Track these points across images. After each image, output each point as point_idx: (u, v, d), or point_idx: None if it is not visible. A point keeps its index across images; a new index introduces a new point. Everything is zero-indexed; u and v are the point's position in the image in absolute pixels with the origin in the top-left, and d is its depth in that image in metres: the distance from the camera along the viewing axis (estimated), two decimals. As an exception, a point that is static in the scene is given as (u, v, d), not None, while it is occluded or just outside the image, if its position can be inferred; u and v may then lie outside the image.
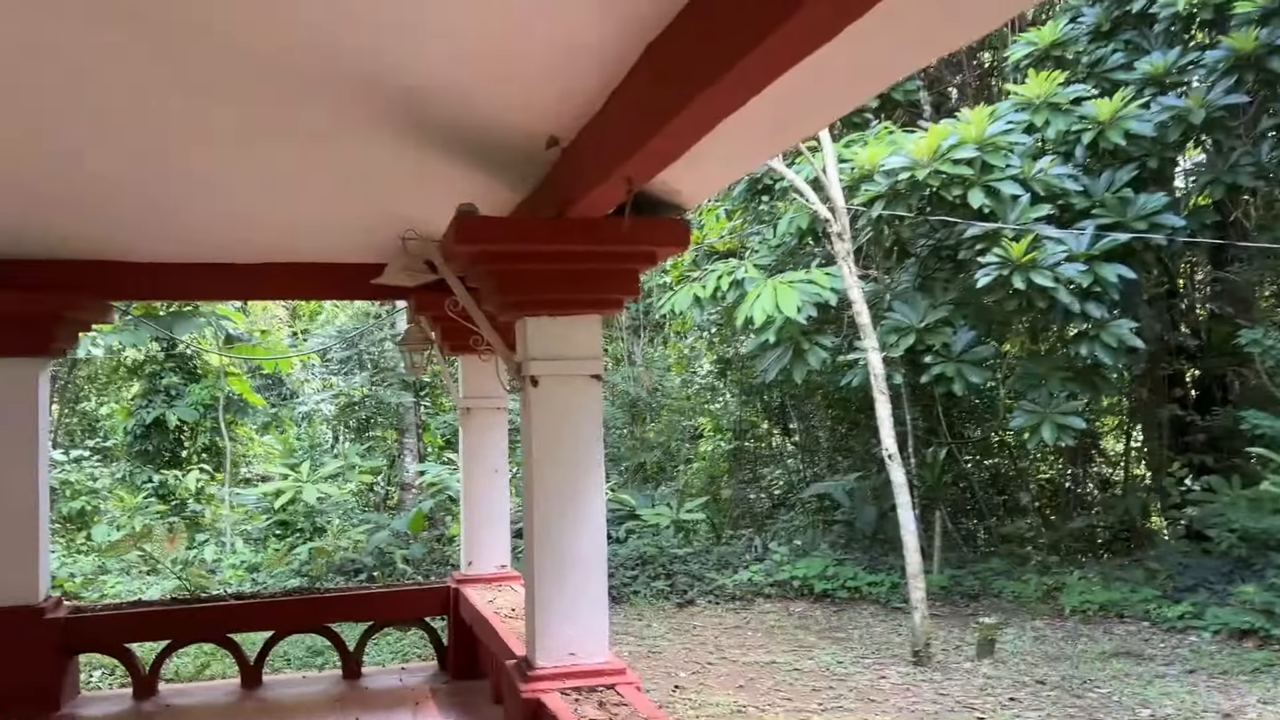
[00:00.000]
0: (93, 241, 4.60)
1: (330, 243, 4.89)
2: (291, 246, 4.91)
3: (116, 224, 4.42)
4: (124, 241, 4.67)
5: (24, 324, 4.57)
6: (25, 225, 4.25)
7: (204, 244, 4.78)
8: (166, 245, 4.78)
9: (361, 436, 12.29)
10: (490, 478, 5.50)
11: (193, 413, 11.94)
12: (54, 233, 4.43)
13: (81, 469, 10.51)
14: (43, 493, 4.73)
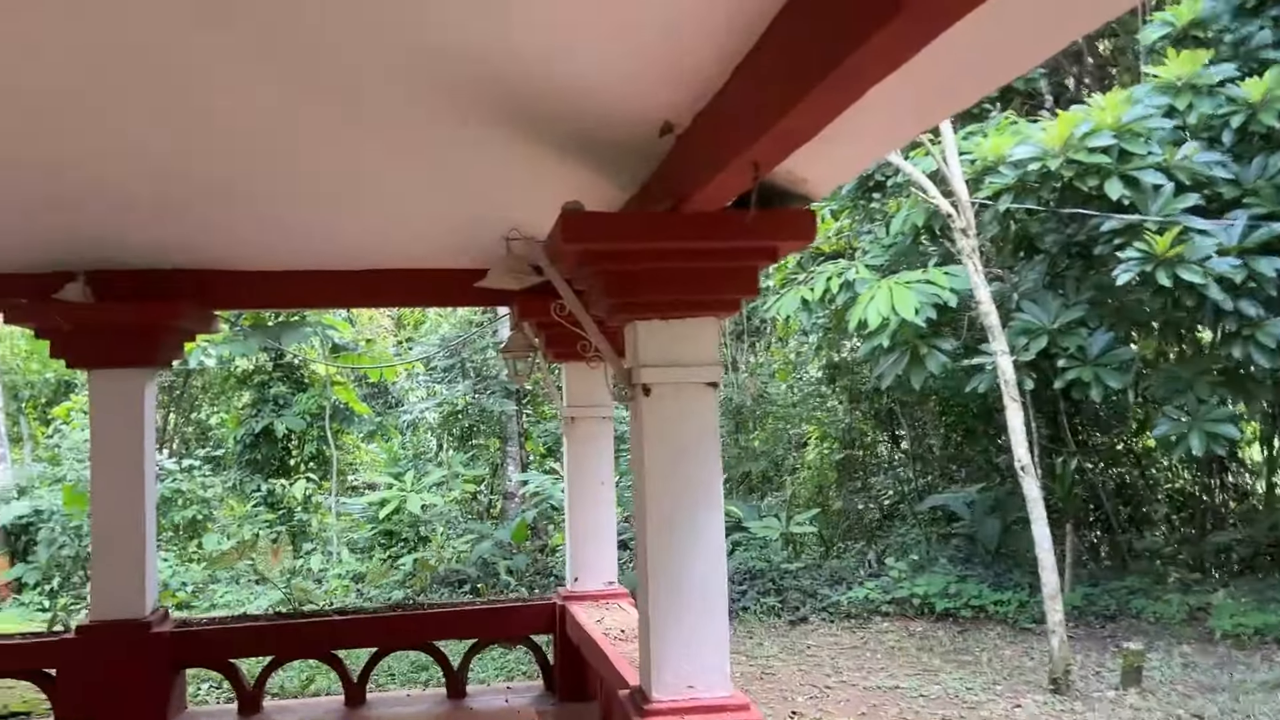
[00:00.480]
0: (194, 250, 4.59)
1: (432, 247, 4.77)
2: (393, 252, 4.82)
3: (218, 231, 4.39)
4: (225, 249, 4.65)
5: (129, 334, 4.58)
6: (126, 234, 4.25)
7: (305, 251, 4.73)
8: (268, 253, 4.74)
9: (464, 445, 12.32)
10: (596, 490, 5.29)
11: (300, 422, 12.17)
12: (156, 241, 4.43)
13: (193, 478, 10.80)
14: (149, 504, 4.74)
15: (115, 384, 4.66)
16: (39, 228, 4.21)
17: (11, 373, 12.03)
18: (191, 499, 10.34)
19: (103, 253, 4.51)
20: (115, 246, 4.45)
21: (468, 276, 5.08)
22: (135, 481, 4.67)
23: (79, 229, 4.23)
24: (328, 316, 12.88)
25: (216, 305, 4.90)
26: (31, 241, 4.36)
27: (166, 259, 4.68)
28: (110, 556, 4.64)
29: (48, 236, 4.30)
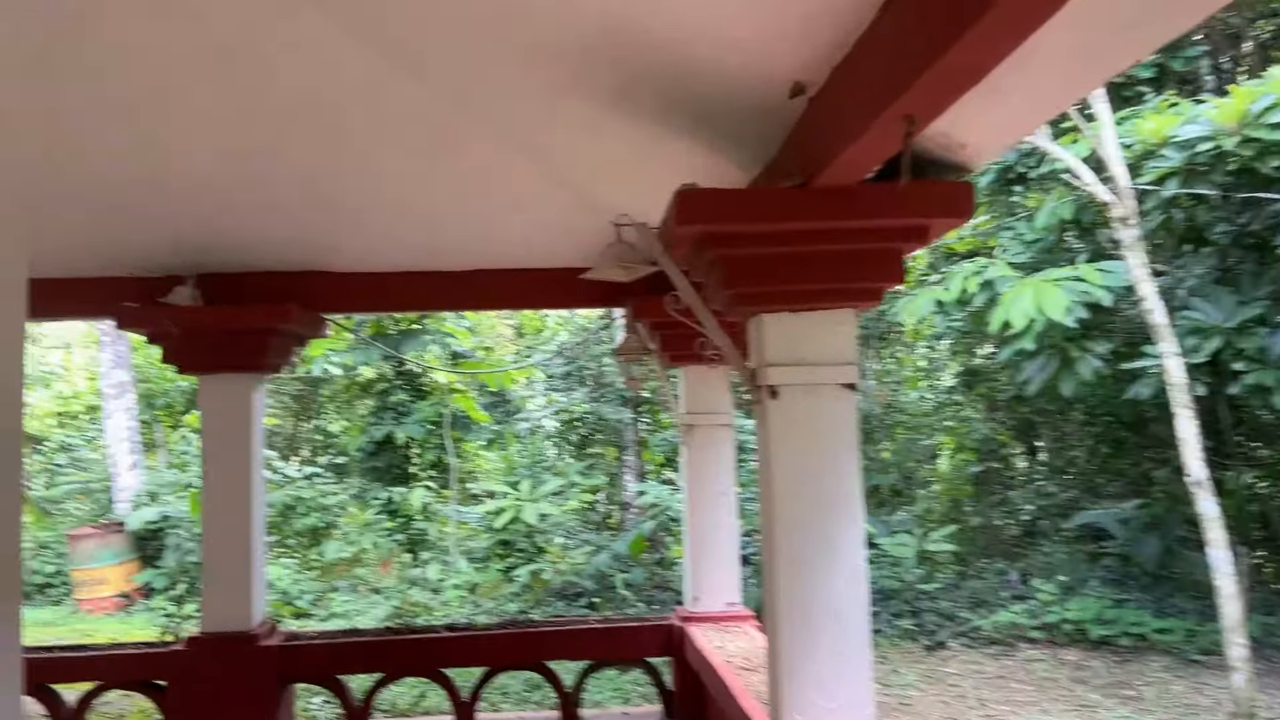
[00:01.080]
0: (298, 252, 4.50)
1: (538, 245, 4.55)
2: (497, 251, 4.62)
3: (319, 233, 4.28)
4: (329, 252, 4.54)
5: (237, 338, 4.50)
6: (231, 237, 4.17)
7: (408, 252, 4.58)
8: (371, 255, 4.62)
9: (581, 454, 12.17)
10: (716, 503, 4.95)
11: (420, 429, 12.26)
12: (260, 244, 4.35)
13: (314, 485, 10.98)
14: (257, 514, 4.65)
15: (224, 389, 4.61)
16: (147, 232, 4.18)
17: (148, 380, 12.56)
18: (313, 506, 10.50)
19: (210, 256, 4.46)
20: (221, 250, 4.39)
21: (577, 277, 4.85)
22: (243, 490, 4.59)
23: (185, 233, 4.18)
24: (447, 324, 12.97)
25: (323, 308, 4.80)
26: (141, 246, 4.34)
27: (272, 262, 4.60)
28: (219, 567, 4.58)
29: (156, 241, 4.27)
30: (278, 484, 10.81)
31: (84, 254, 4.40)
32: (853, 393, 2.77)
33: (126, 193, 3.72)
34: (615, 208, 3.35)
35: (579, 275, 2.73)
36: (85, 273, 4.59)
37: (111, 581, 9.06)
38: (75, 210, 3.92)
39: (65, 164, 3.44)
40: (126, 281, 4.63)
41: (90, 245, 4.31)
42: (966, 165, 2.63)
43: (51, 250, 4.37)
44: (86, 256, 4.44)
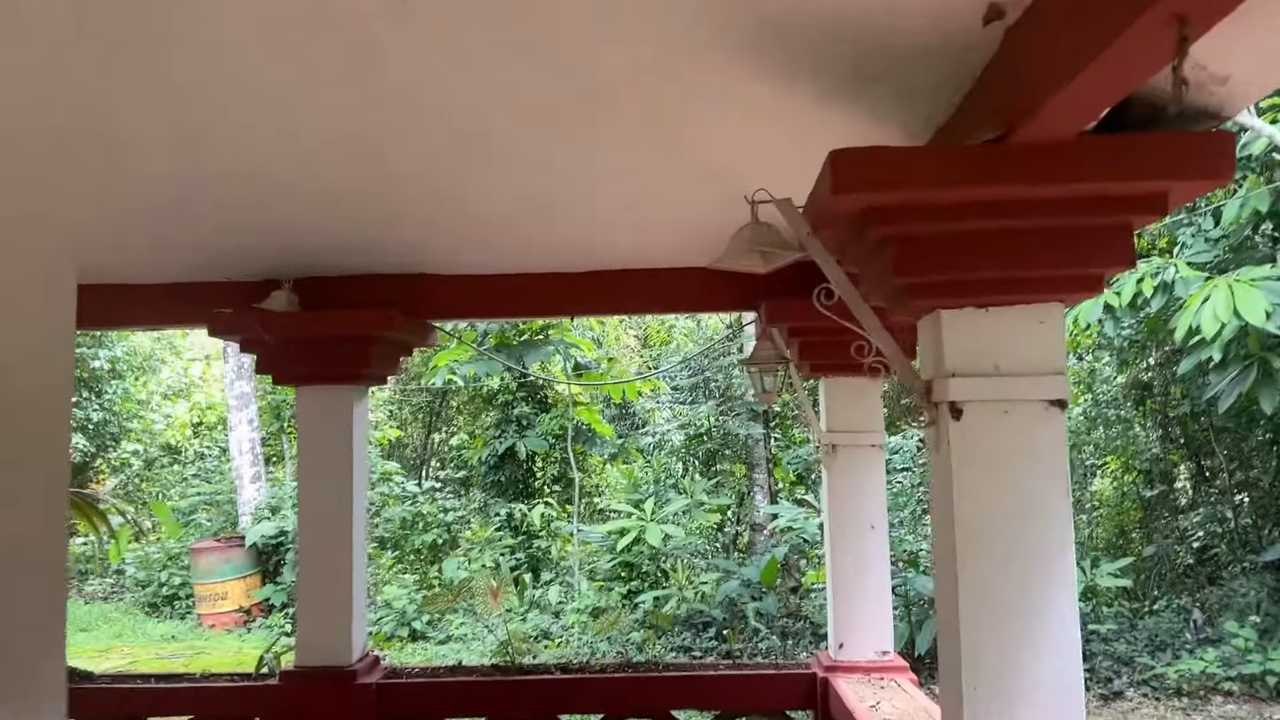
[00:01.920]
0: (403, 254, 4.16)
1: (669, 243, 4.08)
2: (618, 251, 4.18)
3: (428, 232, 3.93)
4: (437, 252, 4.19)
5: (336, 346, 4.20)
6: (331, 236, 3.87)
7: (527, 252, 4.18)
8: (485, 255, 4.24)
9: (708, 471, 11.65)
10: (864, 536, 4.37)
11: (542, 443, 12.00)
12: (362, 245, 4.03)
13: (434, 500, 10.82)
14: (358, 537, 4.33)
15: (322, 402, 4.31)
16: (243, 235, 3.91)
17: (273, 392, 12.74)
18: (432, 522, 10.33)
19: (309, 259, 4.17)
20: (322, 252, 4.10)
21: (703, 278, 4.35)
22: (343, 511, 4.27)
23: (283, 234, 3.89)
24: (571, 334, 12.70)
25: (430, 313, 4.45)
26: (236, 249, 4.08)
27: (375, 265, 4.29)
28: (315, 595, 4.27)
29: (252, 242, 4.01)
30: (398, 499, 10.72)
31: (178, 258, 4.19)
32: (1062, 411, 2.17)
33: (221, 192, 3.46)
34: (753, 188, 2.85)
35: (708, 267, 2.23)
36: (179, 277, 4.38)
37: (232, 597, 9.12)
38: (170, 213, 3.70)
39: (154, 165, 3.20)
40: (223, 286, 4.41)
41: (185, 249, 4.09)
42: (1219, 111, 2.02)
43: (144, 256, 4.17)
44: (181, 261, 4.22)
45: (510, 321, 11.75)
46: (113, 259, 4.22)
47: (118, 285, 4.45)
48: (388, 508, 10.26)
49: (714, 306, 4.37)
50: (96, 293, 4.45)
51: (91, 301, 4.50)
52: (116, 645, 8.41)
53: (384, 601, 9.21)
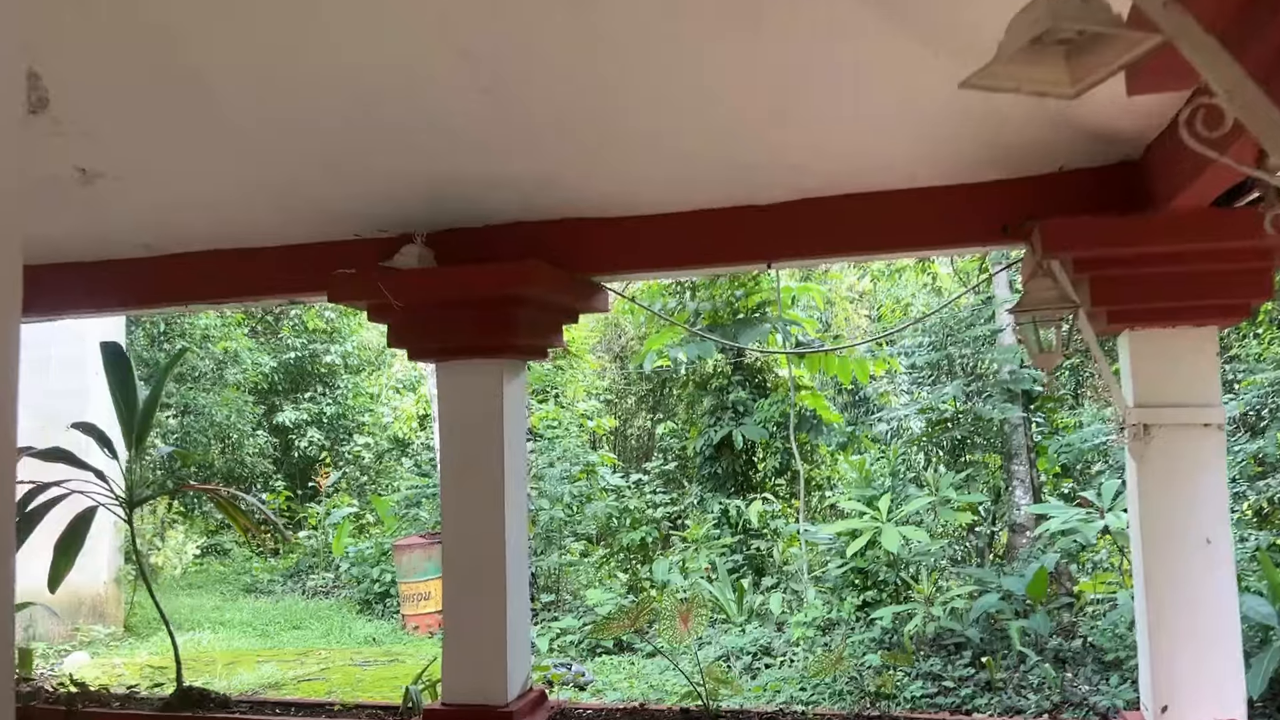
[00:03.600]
0: (559, 192, 3.44)
1: (898, 151, 3.10)
2: (833, 166, 3.24)
3: (591, 160, 3.19)
4: (591, 188, 3.42)
5: (471, 312, 3.49)
6: (470, 175, 3.19)
7: (698, 180, 3.33)
8: (647, 189, 3.43)
9: (955, 462, 10.28)
10: (1194, 553, 3.18)
11: (761, 431, 11.07)
12: (502, 184, 3.32)
13: (643, 495, 10.15)
14: (515, 548, 3.61)
15: (465, 380, 3.63)
16: (368, 181, 3.29)
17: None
18: (641, 519, 9.67)
19: (445, 206, 3.50)
20: (460, 196, 3.41)
21: (944, 200, 3.30)
22: (493, 518, 3.57)
23: (414, 176, 3.24)
24: (790, 311, 11.69)
25: (590, 266, 3.67)
26: (361, 199, 3.47)
27: (522, 209, 3.56)
28: (462, 620, 3.59)
29: (379, 190, 3.38)
30: (604, 492, 10.14)
31: (295, 214, 3.62)
32: None
33: (341, 133, 2.86)
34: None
35: (960, 84, 1.24)
36: (298, 238, 3.82)
37: (435, 597, 8.85)
38: (284, 162, 3.13)
39: (258, 106, 2.63)
40: (350, 247, 3.82)
41: (303, 202, 3.52)
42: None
43: (253, 214, 3.64)
44: (299, 217, 3.66)
45: (707, 276, 10.86)
46: (227, 219, 3.72)
47: (236, 250, 3.96)
48: (593, 502, 9.71)
49: (959, 240, 3.31)
50: (210, 260, 3.98)
51: (204, 270, 4.05)
52: (316, 648, 8.31)
53: (588, 606, 8.64)
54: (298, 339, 17.09)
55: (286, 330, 17.38)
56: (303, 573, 13.04)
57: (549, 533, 9.15)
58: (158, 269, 4.05)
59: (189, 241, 3.96)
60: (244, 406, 16.00)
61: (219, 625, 9.68)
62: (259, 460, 16.16)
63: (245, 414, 16.00)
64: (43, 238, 3.93)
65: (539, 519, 8.97)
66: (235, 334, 16.34)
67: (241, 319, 16.97)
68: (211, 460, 15.73)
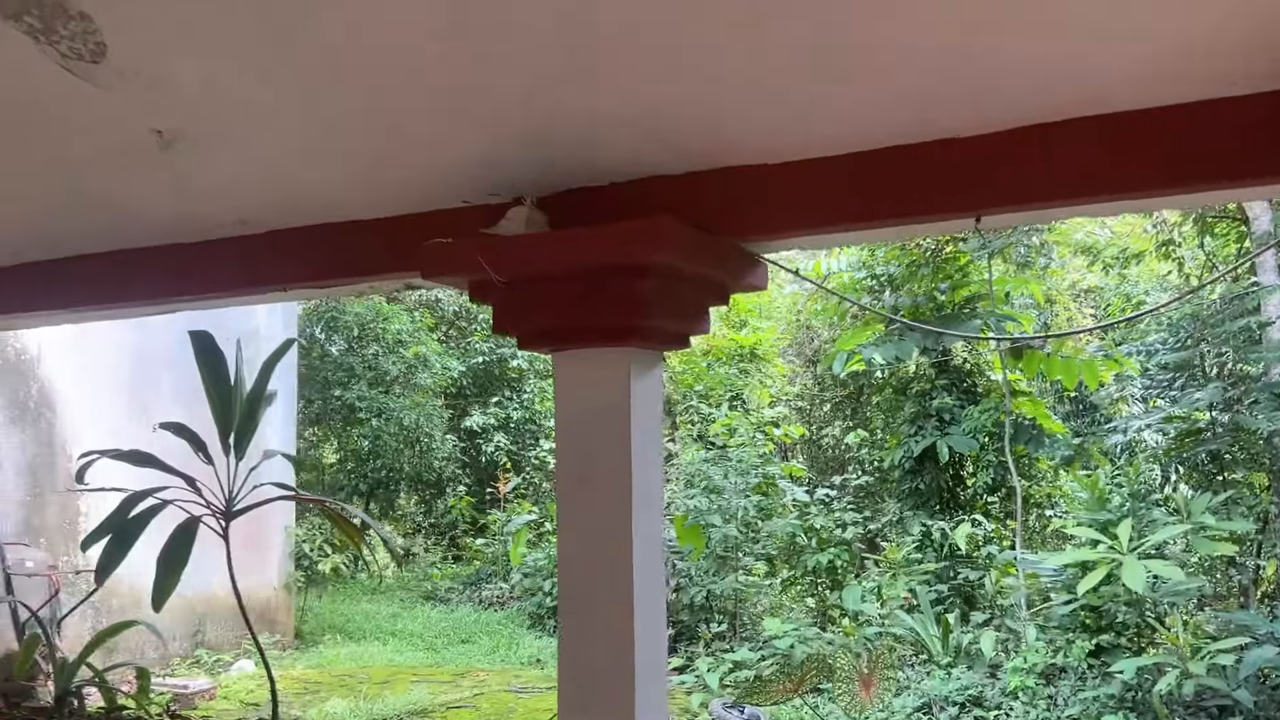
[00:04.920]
0: (688, 132, 2.74)
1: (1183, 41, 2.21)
2: (1078, 72, 2.37)
3: (747, 88, 2.48)
4: (753, 125, 2.72)
5: (591, 285, 2.83)
6: (577, 127, 2.56)
7: (885, 99, 2.54)
8: (834, 119, 2.67)
9: (1211, 482, 8.78)
10: None
11: (971, 443, 9.91)
12: (627, 118, 2.67)
13: (830, 511, 9.22)
14: (642, 586, 2.92)
15: (585, 373, 2.99)
16: (477, 125, 2.73)
17: (668, 385, 11.98)
18: (829, 539, 8.76)
19: (563, 157, 2.89)
20: (581, 142, 2.80)
21: (1247, 113, 2.36)
22: (618, 541, 2.90)
23: (529, 117, 2.64)
24: (1004, 305, 10.48)
25: (741, 227, 2.94)
26: (451, 163, 2.90)
27: (661, 157, 2.88)
28: (577, 668, 2.94)
29: (485, 136, 2.80)
30: (787, 509, 9.30)
31: (397, 176, 3.10)
32: None
33: (444, 60, 2.31)
34: None
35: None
36: (400, 206, 3.29)
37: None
38: (385, 106, 2.63)
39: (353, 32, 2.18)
40: (456, 215, 3.24)
41: (405, 160, 3.00)
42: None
43: (352, 178, 3.13)
44: (401, 179, 3.13)
45: (893, 238, 9.79)
46: (323, 183, 3.23)
47: (333, 225, 3.47)
48: (774, 519, 8.89)
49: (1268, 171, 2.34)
50: (308, 236, 3.51)
51: (302, 248, 3.59)
52: (476, 668, 7.94)
53: (766, 638, 7.83)
54: (485, 343, 17.17)
55: (477, 336, 17.51)
56: (481, 581, 12.90)
57: (724, 553, 8.42)
58: (256, 249, 3.63)
59: (286, 215, 3.51)
60: (433, 411, 16.16)
61: (390, 636, 9.55)
62: (446, 465, 16.29)
63: (434, 418, 16.15)
64: (133, 215, 3.58)
65: (711, 537, 8.26)
66: (426, 339, 16.56)
67: (432, 324, 17.23)
68: (401, 464, 15.96)
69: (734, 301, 13.27)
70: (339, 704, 6.32)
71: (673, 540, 8.36)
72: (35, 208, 3.63)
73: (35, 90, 2.84)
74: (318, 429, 16.65)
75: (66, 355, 7.00)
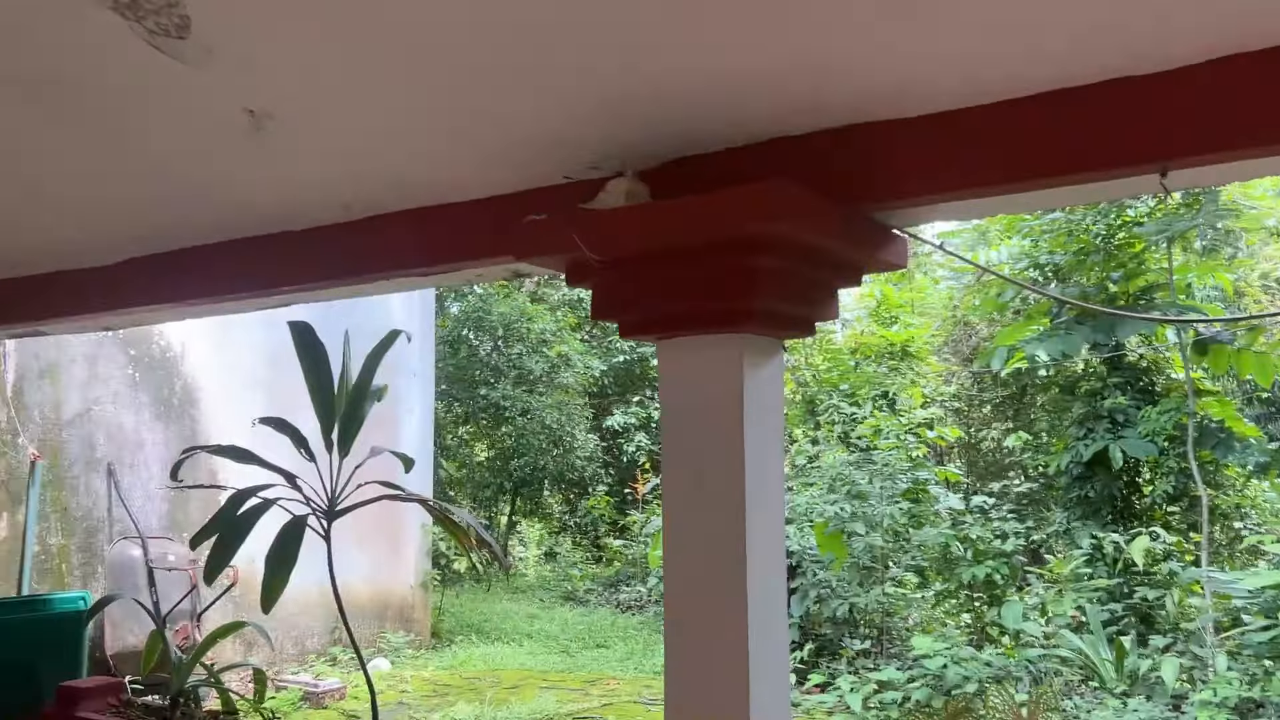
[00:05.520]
0: (824, 86, 2.40)
1: None
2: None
3: (869, 28, 2.14)
4: (889, 71, 2.36)
5: (698, 264, 2.53)
6: (685, 81, 2.26)
7: (1063, 39, 2.13)
8: (987, 59, 2.29)
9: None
10: None
11: (1149, 447, 9.06)
12: (747, 79, 2.35)
13: (988, 520, 8.57)
14: (758, 606, 2.60)
15: (692, 364, 2.68)
16: (583, 87, 2.48)
17: (811, 384, 11.46)
18: (986, 551, 8.13)
19: (672, 121, 2.60)
20: (692, 102, 2.50)
21: None
22: (730, 552, 2.58)
23: (617, 87, 2.38)
24: (1185, 298, 9.55)
25: (888, 193, 2.57)
26: (558, 131, 2.66)
27: (780, 115, 2.56)
28: (687, 688, 2.64)
29: (591, 96, 2.54)
30: (939, 518, 8.69)
31: (496, 149, 2.87)
32: None
33: (522, 45, 2.09)
34: None
35: None
36: (498, 185, 3.06)
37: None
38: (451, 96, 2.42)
39: None
40: (557, 193, 2.98)
41: (503, 130, 2.77)
42: None
43: (451, 156, 2.92)
44: (500, 155, 2.90)
45: (1062, 203, 9.07)
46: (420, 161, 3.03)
47: (429, 209, 3.27)
48: (925, 527, 8.33)
49: None
50: (406, 221, 3.33)
51: (399, 234, 3.40)
52: (609, 675, 7.73)
53: (915, 657, 7.30)
54: (626, 341, 17.11)
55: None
56: (619, 583, 12.76)
57: (869, 564, 7.93)
58: (359, 235, 3.48)
59: (386, 200, 3.34)
60: (575, 410, 16.17)
61: (525, 637, 9.48)
62: (588, 464, 16.27)
63: (575, 417, 16.16)
64: (234, 204, 3.49)
65: (854, 546, 7.78)
66: (568, 338, 16.60)
67: (575, 323, 17.28)
68: (545, 463, 16.03)
69: (884, 296, 12.67)
70: (465, 709, 6.23)
71: (813, 549, 7.93)
72: (137, 201, 3.59)
73: (127, 78, 2.76)
74: (468, 427, 16.92)
75: (208, 352, 7.19)
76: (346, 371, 3.69)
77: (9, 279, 4.68)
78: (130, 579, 6.17)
